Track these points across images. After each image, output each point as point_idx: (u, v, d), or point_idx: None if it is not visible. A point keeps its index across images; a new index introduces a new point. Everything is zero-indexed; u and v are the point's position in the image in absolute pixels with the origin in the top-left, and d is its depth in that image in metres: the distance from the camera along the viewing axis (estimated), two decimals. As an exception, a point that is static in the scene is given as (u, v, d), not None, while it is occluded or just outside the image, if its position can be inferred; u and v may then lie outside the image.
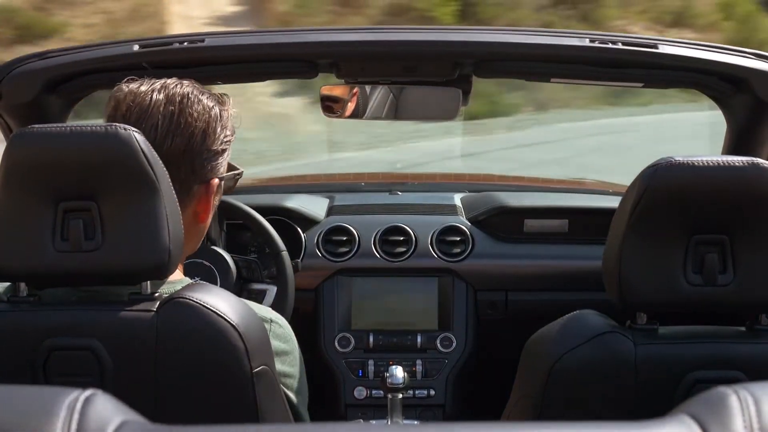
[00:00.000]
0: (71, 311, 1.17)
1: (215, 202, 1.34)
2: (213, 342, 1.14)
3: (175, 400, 1.15)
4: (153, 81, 1.29)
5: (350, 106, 1.81)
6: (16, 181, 1.14)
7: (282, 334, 1.31)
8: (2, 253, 1.15)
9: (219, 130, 1.29)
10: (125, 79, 1.30)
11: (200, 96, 1.29)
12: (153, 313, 1.14)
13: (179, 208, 1.19)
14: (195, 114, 1.26)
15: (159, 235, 1.13)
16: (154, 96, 1.26)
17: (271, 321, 1.30)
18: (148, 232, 1.13)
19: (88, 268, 1.14)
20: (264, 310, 1.32)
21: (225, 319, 1.14)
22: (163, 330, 1.14)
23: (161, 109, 1.25)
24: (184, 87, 1.29)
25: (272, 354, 1.24)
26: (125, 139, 1.12)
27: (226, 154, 1.32)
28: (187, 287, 1.19)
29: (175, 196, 1.19)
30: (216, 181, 1.31)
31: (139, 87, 1.27)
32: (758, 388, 0.57)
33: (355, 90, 1.79)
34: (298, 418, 1.34)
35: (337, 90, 1.80)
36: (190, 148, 1.26)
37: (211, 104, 1.29)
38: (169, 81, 1.29)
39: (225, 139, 1.30)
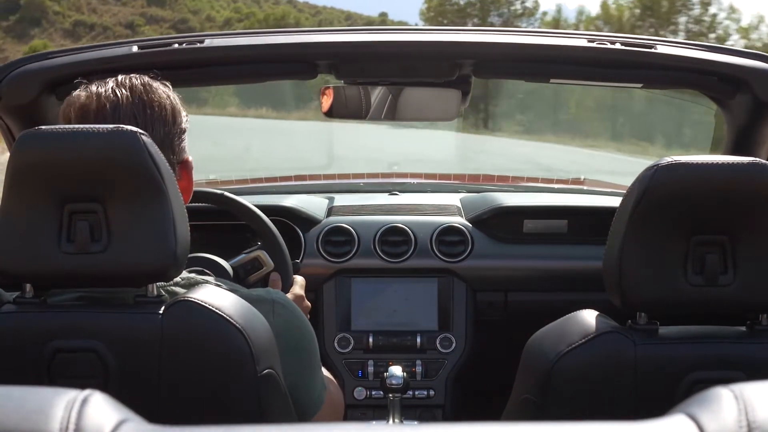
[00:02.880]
0: (76, 313, 1.17)
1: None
2: (218, 345, 1.14)
3: (179, 402, 1.15)
4: (103, 81, 1.30)
5: (349, 107, 1.81)
6: (22, 182, 1.13)
7: (285, 314, 1.31)
8: (8, 254, 1.15)
9: (180, 108, 1.32)
10: (78, 89, 1.30)
11: (154, 82, 1.31)
12: (158, 315, 1.14)
13: (185, 209, 1.19)
14: (162, 99, 1.29)
15: (165, 238, 1.13)
16: (118, 92, 1.27)
17: (274, 302, 1.30)
18: (154, 234, 1.13)
19: (93, 270, 1.14)
20: (267, 292, 1.32)
21: (230, 322, 1.14)
22: (168, 332, 1.13)
23: (132, 101, 1.26)
24: (138, 78, 1.31)
25: (278, 356, 1.23)
26: (131, 140, 1.11)
27: (187, 132, 1.36)
28: (193, 289, 1.18)
29: (182, 197, 1.19)
30: (190, 158, 1.34)
31: (97, 89, 1.28)
32: (755, 387, 0.57)
33: (354, 91, 1.79)
34: (305, 400, 1.34)
35: (337, 91, 1.80)
36: (168, 131, 1.29)
37: (164, 88, 1.32)
38: (119, 78, 1.30)
39: (185, 117, 1.34)
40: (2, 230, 1.15)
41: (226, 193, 1.87)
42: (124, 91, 1.27)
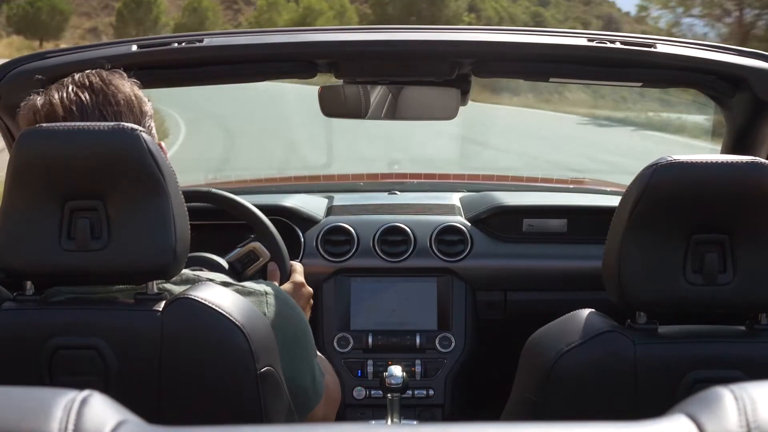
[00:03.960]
0: (77, 310, 1.18)
1: None
2: (218, 342, 1.15)
3: (179, 400, 1.15)
4: (60, 84, 1.29)
5: (349, 106, 1.81)
6: (23, 180, 1.14)
7: (278, 305, 1.31)
8: (9, 251, 1.16)
9: (141, 95, 1.32)
10: (36, 95, 1.29)
11: (111, 75, 1.30)
12: (158, 312, 1.15)
13: (185, 207, 1.20)
14: (124, 90, 1.29)
15: (165, 235, 1.14)
16: (80, 93, 1.26)
17: (266, 293, 1.30)
18: (154, 232, 1.14)
19: (94, 267, 1.15)
20: (259, 284, 1.32)
21: (230, 320, 1.14)
22: (168, 329, 1.14)
23: (96, 99, 1.26)
24: (94, 75, 1.30)
25: (277, 353, 1.24)
26: (132, 138, 1.12)
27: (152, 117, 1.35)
28: (193, 286, 1.19)
29: (182, 195, 1.19)
30: (162, 143, 1.33)
31: (58, 93, 1.27)
32: (755, 387, 0.57)
33: (353, 90, 1.79)
34: (301, 392, 1.34)
35: (336, 90, 1.80)
36: (137, 120, 1.28)
37: (121, 78, 1.31)
38: (75, 77, 1.29)
39: (148, 101, 1.33)
40: (3, 228, 1.16)
41: (213, 189, 1.87)
42: (84, 90, 1.26)
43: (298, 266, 1.82)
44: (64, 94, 1.26)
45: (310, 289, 1.77)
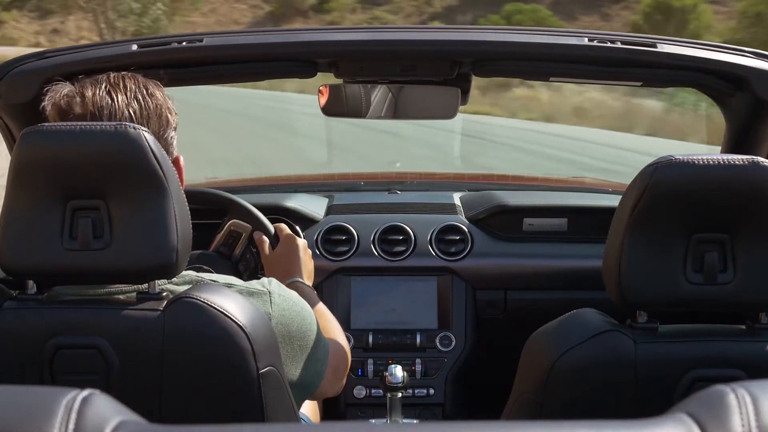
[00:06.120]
0: (78, 309, 1.18)
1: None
2: (219, 342, 1.15)
3: (181, 399, 1.16)
4: (94, 80, 1.29)
5: (349, 105, 1.81)
6: (25, 179, 1.15)
7: (282, 303, 1.32)
8: (11, 250, 1.16)
9: (170, 106, 1.32)
10: (53, 85, 1.29)
11: (146, 80, 1.31)
12: (160, 312, 1.15)
13: (187, 207, 1.20)
14: (156, 96, 1.29)
15: (167, 235, 1.14)
16: (113, 93, 1.26)
17: (270, 293, 1.30)
18: (156, 232, 1.14)
19: (96, 266, 1.15)
20: (261, 284, 1.32)
21: (232, 320, 1.14)
22: (170, 329, 1.14)
23: (127, 102, 1.26)
24: (130, 78, 1.30)
25: (279, 353, 1.24)
26: (135, 138, 1.12)
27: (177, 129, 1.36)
28: (195, 287, 1.19)
29: (184, 195, 1.19)
30: (181, 157, 1.34)
31: (92, 90, 1.27)
32: (756, 386, 0.57)
33: (353, 89, 1.79)
34: (311, 378, 1.35)
35: (336, 89, 1.80)
36: (163, 128, 1.29)
37: (154, 86, 1.32)
38: (111, 77, 1.29)
39: (175, 115, 1.34)
40: (5, 227, 1.16)
41: None
42: (118, 91, 1.27)
43: (281, 225, 1.84)
44: (97, 91, 1.26)
45: (304, 240, 1.79)
